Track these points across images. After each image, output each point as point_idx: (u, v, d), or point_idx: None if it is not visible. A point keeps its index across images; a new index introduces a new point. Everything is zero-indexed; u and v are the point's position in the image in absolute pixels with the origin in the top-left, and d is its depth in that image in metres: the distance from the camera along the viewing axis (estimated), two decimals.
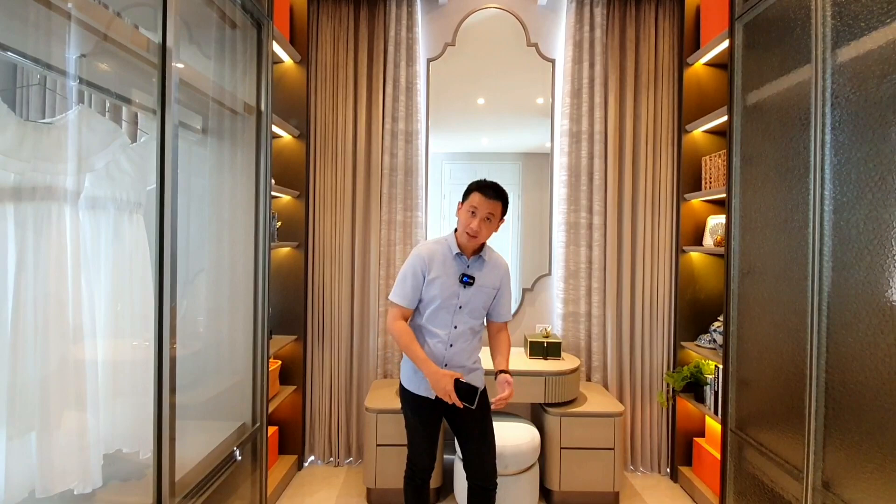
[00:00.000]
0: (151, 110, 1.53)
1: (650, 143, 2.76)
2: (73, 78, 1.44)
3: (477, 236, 1.72)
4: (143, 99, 1.65)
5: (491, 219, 1.72)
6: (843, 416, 1.55)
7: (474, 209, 1.72)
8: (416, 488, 1.85)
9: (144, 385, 1.54)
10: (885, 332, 1.39)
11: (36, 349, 1.28)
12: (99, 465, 1.44)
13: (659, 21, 2.76)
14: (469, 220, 1.72)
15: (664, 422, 2.77)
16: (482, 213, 1.71)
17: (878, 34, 1.42)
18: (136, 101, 1.64)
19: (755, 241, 2.04)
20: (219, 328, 2.03)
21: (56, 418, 1.34)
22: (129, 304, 1.57)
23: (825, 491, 1.61)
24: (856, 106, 1.51)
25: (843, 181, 1.55)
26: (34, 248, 1.27)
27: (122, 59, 1.44)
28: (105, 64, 1.48)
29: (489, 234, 1.75)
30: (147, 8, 1.53)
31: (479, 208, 1.71)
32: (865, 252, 1.45)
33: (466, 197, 1.77)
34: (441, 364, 1.76)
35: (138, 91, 1.66)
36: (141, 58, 1.44)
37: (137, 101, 1.64)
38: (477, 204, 1.71)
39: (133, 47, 1.41)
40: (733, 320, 2.17)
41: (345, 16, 2.80)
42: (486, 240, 1.78)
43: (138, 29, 1.46)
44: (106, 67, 1.50)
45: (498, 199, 1.73)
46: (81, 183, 1.41)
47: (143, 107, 1.68)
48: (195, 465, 1.77)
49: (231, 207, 2.08)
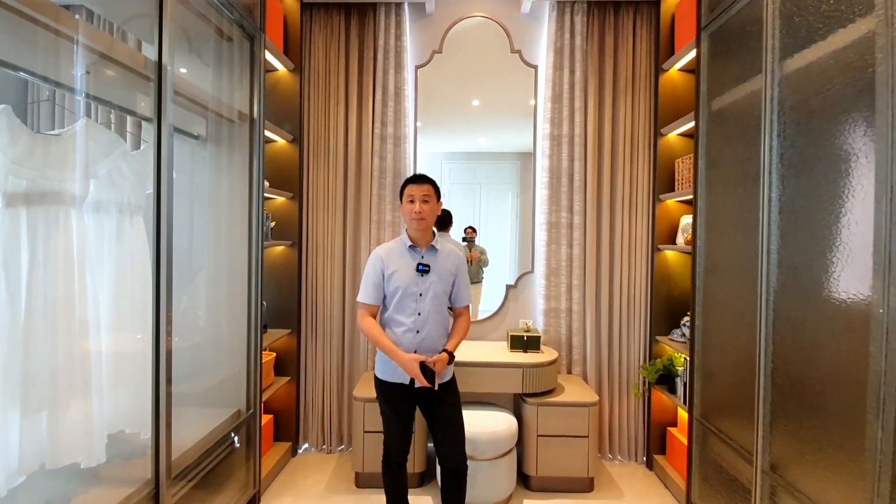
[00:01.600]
0: (148, 119, 1.67)
1: (627, 145, 2.88)
2: (79, 93, 1.58)
3: (423, 217, 1.92)
4: (143, 109, 1.79)
5: (428, 200, 1.94)
6: (787, 405, 1.67)
7: (412, 197, 1.94)
8: (392, 471, 2.00)
9: (144, 374, 1.70)
10: (823, 327, 1.50)
11: (46, 339, 1.43)
12: (103, 443, 1.59)
13: (637, 28, 2.87)
14: (411, 207, 1.93)
15: (640, 412, 2.90)
16: (419, 196, 1.93)
17: (818, 46, 1.52)
18: (137, 112, 1.79)
19: (718, 241, 2.16)
20: (216, 322, 2.18)
21: (64, 401, 1.49)
22: (130, 300, 1.72)
23: (773, 473, 1.73)
24: (798, 114, 1.62)
25: (788, 185, 1.67)
26: (44, 249, 1.42)
27: (123, 74, 1.59)
28: (107, 79, 1.63)
29: (432, 213, 1.96)
30: (146, 19, 1.68)
31: (415, 194, 1.93)
32: (807, 252, 1.56)
33: (402, 194, 1.99)
34: (412, 351, 1.91)
35: (140, 101, 1.80)
36: (140, 73, 1.59)
37: (139, 112, 1.78)
38: (412, 192, 1.94)
39: (133, 65, 1.56)
40: (699, 315, 2.29)
41: (336, 25, 2.94)
42: (431, 220, 1.97)
43: (139, 47, 1.61)
44: (108, 82, 1.65)
45: (426, 182, 1.96)
46: (86, 188, 1.56)
47: (143, 117, 1.82)
48: (193, 445, 1.94)
49: (226, 209, 2.23)
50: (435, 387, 1.85)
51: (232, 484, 2.17)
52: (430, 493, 2.52)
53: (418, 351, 1.91)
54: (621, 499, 2.51)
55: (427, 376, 1.83)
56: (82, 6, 1.86)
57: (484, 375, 2.54)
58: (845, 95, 1.42)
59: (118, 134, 1.75)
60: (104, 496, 1.56)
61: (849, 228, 1.40)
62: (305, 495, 2.50)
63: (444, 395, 1.95)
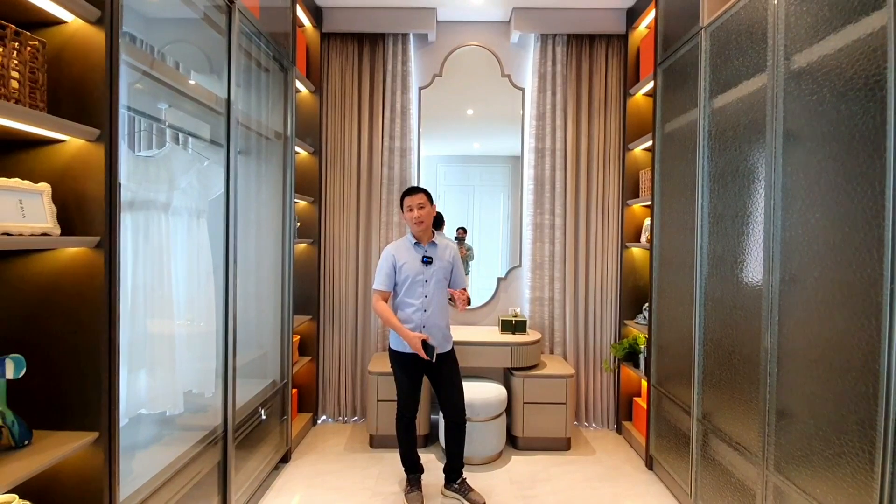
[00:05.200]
0: (219, 144, 2.12)
1: (600, 158, 3.37)
2: (164, 123, 2.03)
3: (421, 220, 2.37)
4: (207, 134, 2.23)
5: (423, 206, 2.37)
6: (713, 367, 2.16)
7: (410, 207, 2.39)
8: (405, 425, 2.47)
9: (207, 350, 2.14)
10: (734, 303, 2.00)
11: (145, 316, 1.87)
12: (181, 398, 2.04)
13: (608, 58, 3.36)
14: (410, 215, 2.38)
15: (611, 385, 3.39)
16: (415, 205, 2.37)
17: (738, 88, 2.00)
18: (204, 137, 2.23)
19: (669, 240, 2.65)
20: (258, 308, 2.63)
21: (156, 363, 1.94)
22: (198, 288, 2.16)
23: (704, 421, 2.22)
24: (721, 141, 2.11)
25: (714, 196, 2.15)
26: (144, 245, 1.87)
27: (199, 108, 2.03)
28: (186, 112, 2.08)
29: (429, 215, 2.40)
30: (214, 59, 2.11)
31: (412, 204, 2.38)
32: (726, 248, 2.05)
33: (402, 205, 2.44)
34: (421, 326, 2.37)
35: (204, 128, 2.24)
36: (210, 108, 2.04)
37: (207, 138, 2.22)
38: (410, 203, 2.39)
39: (207, 102, 2.01)
40: (654, 301, 2.78)
41: (350, 52, 3.39)
42: (429, 222, 2.41)
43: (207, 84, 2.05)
44: (187, 114, 2.09)
45: (419, 192, 2.40)
46: (171, 197, 2.01)
47: (216, 142, 2.24)
48: (241, 406, 2.38)
49: (266, 212, 2.68)
50: (433, 360, 2.30)
51: (271, 440, 2.63)
52: (434, 452, 2.99)
53: (426, 324, 2.38)
54: (593, 455, 3.00)
55: (427, 352, 2.29)
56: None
57: (479, 353, 3.02)
58: (747, 129, 1.91)
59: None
60: (185, 437, 2.01)
61: (749, 229, 1.89)
62: (328, 453, 2.96)
63: (446, 361, 2.42)
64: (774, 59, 1.76)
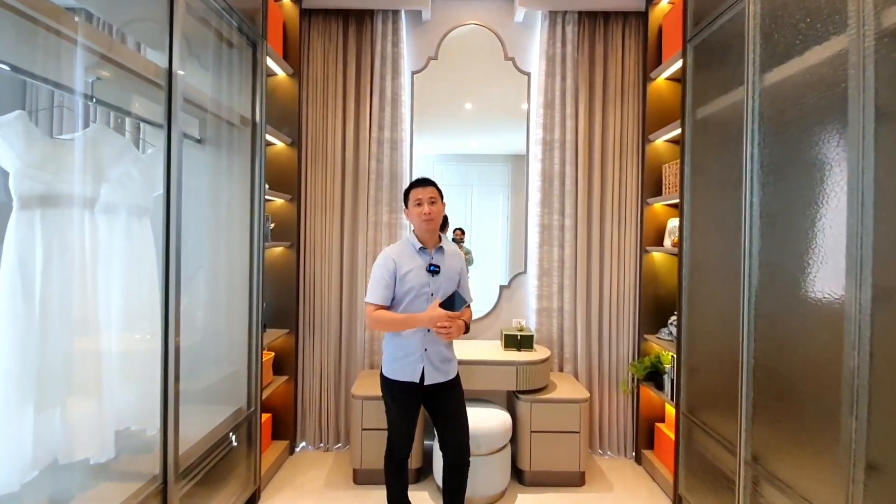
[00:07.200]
0: (159, 124, 1.72)
1: (617, 151, 2.98)
2: (90, 98, 1.62)
3: (432, 218, 1.97)
4: (149, 113, 1.83)
5: (435, 201, 2.00)
6: (767, 398, 1.77)
7: (419, 200, 1.99)
8: (395, 466, 2.06)
9: (151, 372, 1.74)
10: (800, 324, 1.61)
11: (59, 337, 1.47)
12: (112, 439, 1.64)
13: (625, 38, 2.98)
14: (419, 210, 1.98)
15: (629, 408, 3.00)
16: (426, 199, 1.98)
17: (803, 57, 1.62)
18: (144, 116, 1.83)
19: (702, 243, 2.27)
20: (218, 321, 2.23)
21: (75, 397, 1.53)
22: (138, 299, 1.76)
23: (754, 464, 1.83)
24: (777, 124, 1.73)
25: (768, 191, 1.77)
26: (59, 249, 1.47)
27: (133, 80, 1.63)
28: (117, 85, 1.67)
29: (439, 213, 2.01)
30: (153, 25, 1.72)
31: (422, 197, 1.98)
32: (787, 254, 1.67)
33: (407, 198, 2.03)
34: (422, 349, 1.97)
35: (145, 106, 1.84)
36: (150, 80, 1.64)
37: (147, 117, 1.82)
38: (419, 196, 1.99)
39: (144, 73, 1.61)
40: (684, 314, 2.39)
41: (334, 32, 3.00)
42: (439, 221, 2.02)
43: (138, 48, 1.66)
44: (118, 88, 1.69)
45: (431, 185, 2.02)
46: (98, 191, 1.61)
47: (153, 122, 1.86)
48: (197, 442, 1.98)
49: (228, 210, 2.28)
50: (458, 309, 1.90)
51: (234, 480, 2.22)
52: (427, 488, 2.59)
53: (427, 350, 1.98)
54: (611, 492, 2.60)
55: (451, 307, 1.89)
56: (82, 9, 1.88)
57: (479, 373, 2.62)
58: (819, 108, 1.53)
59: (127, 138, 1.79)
60: (114, 491, 1.60)
61: (823, 232, 1.51)
62: (304, 491, 2.55)
63: (450, 389, 2.02)
64: (860, 14, 1.38)
